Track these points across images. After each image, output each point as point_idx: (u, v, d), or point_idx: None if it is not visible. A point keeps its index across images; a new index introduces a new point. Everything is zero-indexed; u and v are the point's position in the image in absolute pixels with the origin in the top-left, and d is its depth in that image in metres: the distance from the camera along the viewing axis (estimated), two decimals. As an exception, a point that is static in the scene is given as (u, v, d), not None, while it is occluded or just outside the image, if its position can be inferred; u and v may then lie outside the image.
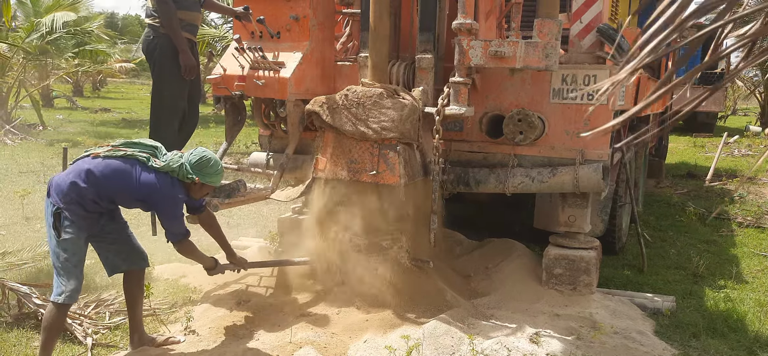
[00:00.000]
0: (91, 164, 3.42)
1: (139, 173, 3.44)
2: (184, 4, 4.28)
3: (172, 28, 4.20)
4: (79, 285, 3.44)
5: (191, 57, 4.31)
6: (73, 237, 3.36)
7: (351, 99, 4.19)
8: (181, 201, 3.58)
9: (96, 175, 3.39)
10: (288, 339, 3.81)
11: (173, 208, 3.52)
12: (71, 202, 3.35)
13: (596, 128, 4.39)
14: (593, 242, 4.74)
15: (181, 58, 4.25)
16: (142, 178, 3.43)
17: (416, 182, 4.28)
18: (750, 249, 6.45)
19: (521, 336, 3.87)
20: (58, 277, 3.41)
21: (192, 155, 3.56)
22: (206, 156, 3.57)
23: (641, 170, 7.95)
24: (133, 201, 3.53)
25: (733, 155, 13.77)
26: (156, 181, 3.43)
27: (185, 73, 4.29)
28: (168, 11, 4.17)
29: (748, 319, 4.54)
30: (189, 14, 4.34)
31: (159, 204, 3.50)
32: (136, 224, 6.53)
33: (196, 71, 4.37)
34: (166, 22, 4.19)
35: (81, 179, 3.37)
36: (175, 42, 4.22)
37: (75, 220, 3.36)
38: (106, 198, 3.45)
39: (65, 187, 3.37)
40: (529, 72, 4.45)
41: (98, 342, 3.93)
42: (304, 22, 4.57)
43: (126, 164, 3.45)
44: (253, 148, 11.13)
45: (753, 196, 9.14)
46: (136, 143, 3.57)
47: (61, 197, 3.36)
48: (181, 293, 4.72)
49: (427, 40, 4.36)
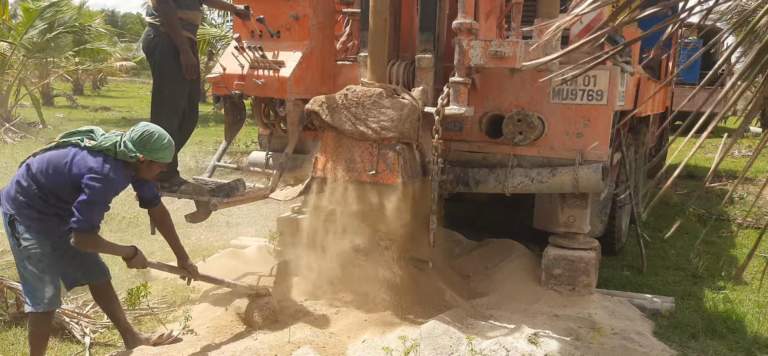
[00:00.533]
0: (31, 160, 3.30)
1: (72, 156, 3.23)
2: (184, 3, 4.28)
3: (173, 27, 4.20)
4: (57, 291, 3.31)
5: (192, 56, 4.30)
6: (34, 243, 3.23)
7: (350, 99, 4.18)
8: (114, 186, 3.23)
9: (34, 170, 3.25)
10: (286, 338, 3.81)
11: (97, 191, 3.15)
12: (21, 206, 3.24)
13: (596, 128, 4.40)
14: (592, 243, 4.73)
15: (182, 57, 4.24)
16: (74, 160, 3.21)
17: (415, 182, 4.28)
18: (749, 250, 6.44)
19: (520, 337, 3.87)
20: (30, 286, 3.27)
21: (133, 131, 3.33)
22: (149, 130, 3.33)
23: (641, 170, 7.94)
24: (72, 190, 3.21)
25: (733, 156, 13.76)
26: (87, 160, 3.19)
27: (186, 73, 4.29)
28: (168, 10, 4.16)
29: (747, 320, 4.54)
30: (189, 13, 4.34)
31: (87, 185, 3.14)
32: (135, 223, 6.54)
33: (196, 71, 4.37)
34: (166, 21, 4.18)
35: (23, 177, 3.27)
36: (176, 41, 4.22)
37: (31, 224, 3.24)
38: (51, 194, 3.25)
39: (12, 190, 3.28)
40: (529, 72, 4.45)
41: (96, 341, 3.93)
42: (304, 22, 4.56)
43: (60, 152, 3.27)
44: (252, 147, 11.12)
45: (752, 197, 9.13)
46: (74, 131, 3.37)
47: (11, 203, 3.27)
48: (180, 292, 4.72)
49: (427, 39, 4.36)
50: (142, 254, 3.54)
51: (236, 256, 5.52)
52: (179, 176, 4.58)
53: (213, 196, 4.35)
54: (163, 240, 3.79)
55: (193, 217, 4.56)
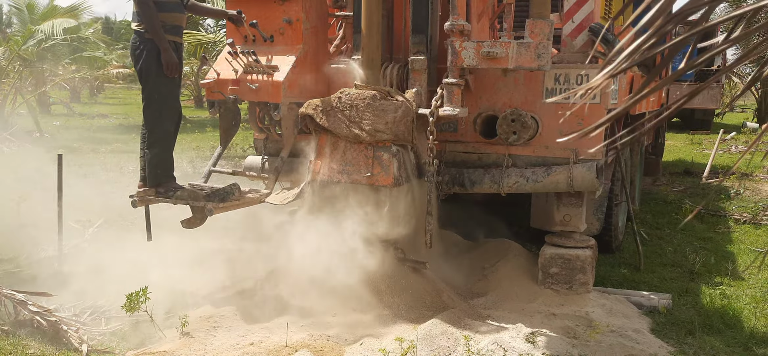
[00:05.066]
0: None
1: None
2: (165, 7, 4.32)
3: (154, 29, 4.24)
4: None
5: (173, 55, 4.34)
6: None
7: (344, 102, 4.19)
8: None
9: None
10: (284, 342, 3.81)
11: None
12: None
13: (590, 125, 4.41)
14: (589, 241, 4.74)
15: (163, 56, 4.28)
16: None
17: (411, 184, 4.29)
18: (746, 246, 6.45)
19: (517, 336, 3.87)
20: None
21: None
22: None
23: (638, 168, 7.96)
24: None
25: (730, 152, 13.78)
26: None
27: (167, 71, 4.32)
28: (149, 13, 4.22)
29: (744, 316, 4.55)
30: (171, 16, 4.37)
31: None
32: (133, 229, 6.53)
33: (178, 70, 4.40)
34: (148, 23, 4.24)
35: None
36: (157, 42, 4.26)
37: None
38: None
39: None
40: (522, 72, 4.46)
41: (94, 348, 3.93)
42: (297, 26, 4.57)
43: None
44: (250, 152, 11.13)
45: (749, 193, 9.15)
46: None
47: None
48: (177, 297, 4.71)
49: (419, 41, 4.37)
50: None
51: (233, 261, 5.51)
52: (176, 182, 4.59)
53: (208, 201, 4.35)
54: (159, 245, 3.79)
55: (188, 223, 4.56)
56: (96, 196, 8.15)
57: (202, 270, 5.22)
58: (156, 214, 4.89)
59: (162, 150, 4.52)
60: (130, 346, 3.96)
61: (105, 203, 7.36)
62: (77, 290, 4.60)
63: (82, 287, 4.64)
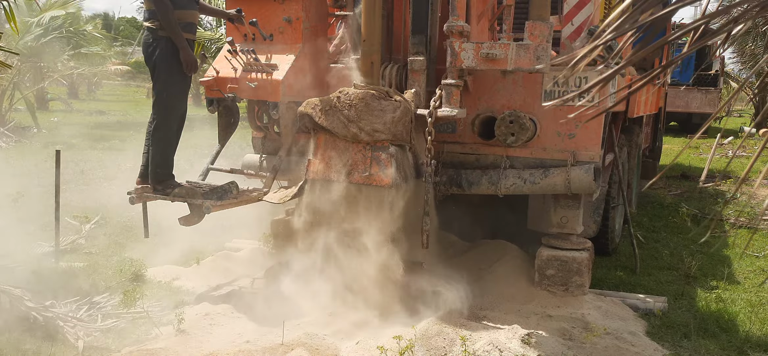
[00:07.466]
0: None
1: None
2: (180, 3, 4.31)
3: (171, 26, 4.22)
4: None
5: (191, 53, 4.34)
6: None
7: (343, 101, 4.20)
8: None
9: None
10: (280, 340, 3.81)
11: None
12: None
13: (588, 129, 4.42)
14: (585, 244, 4.75)
15: (182, 54, 4.27)
16: None
17: (408, 184, 4.29)
18: (742, 250, 6.47)
19: (513, 337, 3.88)
20: None
21: None
22: None
23: (635, 171, 7.98)
24: None
25: (727, 156, 13.82)
26: None
27: (186, 69, 4.32)
28: (165, 10, 4.20)
29: (740, 319, 4.56)
30: (185, 13, 4.36)
31: None
32: (130, 226, 6.53)
33: (196, 68, 4.40)
34: (165, 21, 4.22)
35: None
36: (175, 40, 4.25)
37: None
38: None
39: None
40: (521, 74, 4.47)
41: (90, 344, 3.92)
42: (296, 25, 4.58)
43: None
44: (248, 150, 11.11)
45: (746, 197, 9.18)
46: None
47: None
48: (174, 295, 4.72)
49: (419, 42, 4.38)
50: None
51: (230, 259, 5.53)
52: (174, 179, 4.58)
53: (206, 199, 4.35)
54: (157, 242, 3.79)
55: (186, 220, 4.56)
56: (93, 192, 8.14)
57: (198, 268, 5.22)
58: (153, 211, 4.89)
59: (164, 148, 4.52)
60: (127, 343, 3.95)
61: (102, 200, 7.36)
62: (74, 286, 4.59)
63: (77, 283, 4.64)
